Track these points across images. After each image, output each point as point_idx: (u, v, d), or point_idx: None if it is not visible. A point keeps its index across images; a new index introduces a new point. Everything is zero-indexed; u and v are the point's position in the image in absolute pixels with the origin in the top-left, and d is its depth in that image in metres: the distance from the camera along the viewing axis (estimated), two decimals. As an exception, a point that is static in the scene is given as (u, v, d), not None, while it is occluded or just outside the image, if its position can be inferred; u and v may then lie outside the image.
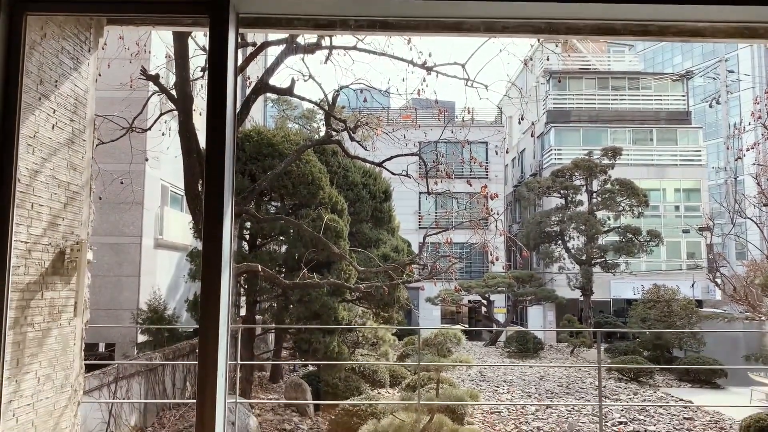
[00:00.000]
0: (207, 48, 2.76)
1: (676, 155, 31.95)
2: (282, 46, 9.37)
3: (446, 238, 11.18)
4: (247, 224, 12.35)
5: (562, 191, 26.37)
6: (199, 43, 9.81)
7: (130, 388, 8.82)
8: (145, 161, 12.89)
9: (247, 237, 12.84)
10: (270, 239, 13.04)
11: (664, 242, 26.08)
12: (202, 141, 7.33)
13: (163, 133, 11.26)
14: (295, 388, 11.53)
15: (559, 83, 32.84)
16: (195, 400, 2.58)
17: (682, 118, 32.88)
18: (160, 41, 14.01)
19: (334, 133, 10.24)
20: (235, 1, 2.72)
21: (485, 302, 26.58)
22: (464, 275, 29.72)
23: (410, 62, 9.13)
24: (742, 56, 47.54)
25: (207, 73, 2.77)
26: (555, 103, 33.15)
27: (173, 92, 8.83)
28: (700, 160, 31.87)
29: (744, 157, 18.75)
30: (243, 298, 12.31)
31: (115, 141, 9.58)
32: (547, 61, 29.97)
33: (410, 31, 3.01)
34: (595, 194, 25.76)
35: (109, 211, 13.28)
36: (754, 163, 16.31)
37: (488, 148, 32.01)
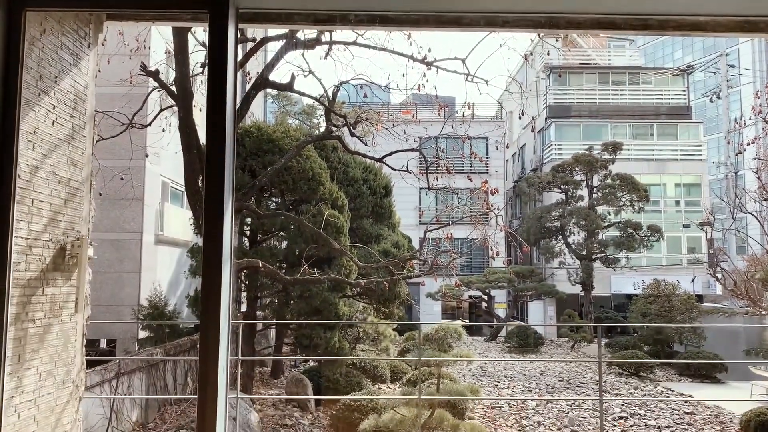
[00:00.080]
0: (207, 43, 2.75)
1: (676, 150, 31.91)
2: (282, 41, 9.36)
3: (447, 234, 11.18)
4: (248, 220, 12.35)
5: (562, 186, 26.35)
6: (198, 39, 9.80)
7: (132, 384, 8.84)
8: (145, 157, 12.89)
9: (247, 233, 12.85)
10: (270, 235, 13.04)
11: (664, 237, 26.08)
12: (202, 137, 7.32)
13: (163, 129, 11.25)
14: (296, 383, 11.56)
15: (559, 78, 32.78)
16: (196, 396, 2.59)
17: (682, 112, 32.82)
18: (159, 37, 13.99)
19: (334, 128, 10.24)
20: (234, -4, 2.72)
21: (486, 297, 26.59)
22: (465, 271, 29.71)
23: (410, 57, 9.12)
24: (742, 51, 47.44)
25: (207, 69, 2.77)
26: (555, 98, 33.09)
27: (173, 88, 8.81)
28: (700, 155, 31.83)
29: (744, 151, 18.72)
30: (244, 294, 12.32)
31: (115, 137, 9.57)
32: (548, 55, 29.86)
33: (410, 25, 3.01)
34: (595, 189, 25.75)
35: (109, 207, 13.28)
36: (754, 158, 16.29)
37: (488, 144, 31.96)
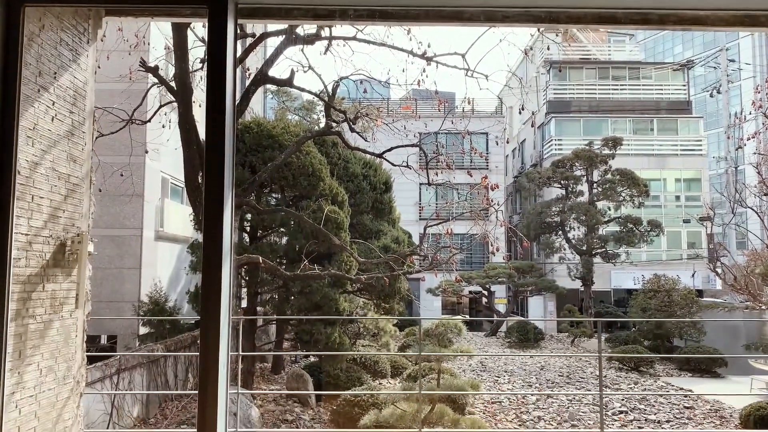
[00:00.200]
0: (206, 39, 2.75)
1: (676, 145, 31.89)
2: (281, 37, 9.34)
3: (447, 229, 11.18)
4: (248, 216, 12.35)
5: (562, 182, 26.34)
6: (198, 35, 9.78)
7: (133, 380, 8.86)
8: (145, 153, 12.88)
9: (247, 229, 12.85)
10: (271, 231, 13.05)
11: (664, 232, 26.08)
12: (202, 133, 7.32)
13: (163, 125, 11.24)
14: (296, 378, 11.57)
15: (559, 73, 32.72)
16: (197, 391, 2.59)
17: (682, 107, 32.79)
18: (159, 33, 13.97)
19: (334, 124, 10.22)
20: (233, -9, 2.71)
21: (486, 293, 26.61)
22: (465, 266, 29.72)
23: (410, 52, 9.10)
24: (743, 45, 47.35)
25: (206, 65, 2.76)
26: (555, 93, 33.05)
27: (173, 84, 8.80)
28: (700, 150, 31.81)
29: (745, 146, 18.71)
30: (244, 290, 12.33)
31: (115, 133, 9.57)
32: (548, 50, 29.84)
33: (410, 20, 2.99)
34: (595, 184, 25.74)
35: (109, 203, 13.28)
36: (754, 153, 16.28)
37: (488, 139, 31.93)
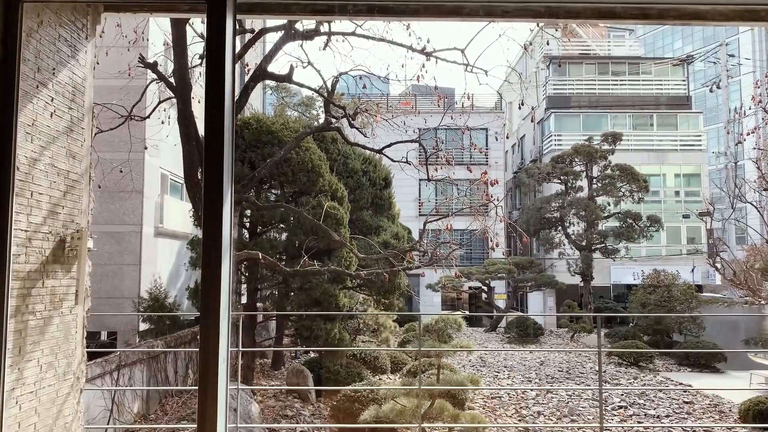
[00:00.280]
0: (205, 35, 2.74)
1: (676, 140, 31.87)
2: (280, 32, 9.32)
3: (446, 225, 11.17)
4: (247, 212, 12.34)
5: (562, 177, 26.34)
6: (197, 30, 9.76)
7: (133, 376, 8.87)
8: (144, 149, 12.87)
9: (247, 225, 12.85)
10: (270, 227, 13.04)
11: (664, 227, 26.09)
12: (201, 128, 7.31)
13: (162, 122, 11.23)
14: (296, 374, 11.59)
15: (559, 68, 32.68)
16: (197, 387, 2.59)
17: (682, 103, 32.76)
18: (157, 29, 13.94)
19: (333, 120, 10.21)
20: (232, -14, 2.70)
21: (486, 288, 26.63)
22: (464, 262, 29.75)
23: (409, 48, 9.07)
24: (742, 40, 47.28)
25: (205, 61, 2.76)
26: (555, 88, 33.01)
27: (172, 80, 8.79)
28: (700, 145, 31.80)
29: (744, 141, 18.72)
30: (244, 286, 12.34)
31: (114, 129, 9.55)
32: (547, 45, 29.79)
33: (409, 16, 2.99)
34: (595, 180, 25.74)
35: (108, 199, 13.27)
36: (754, 148, 16.28)
37: (488, 135, 31.93)
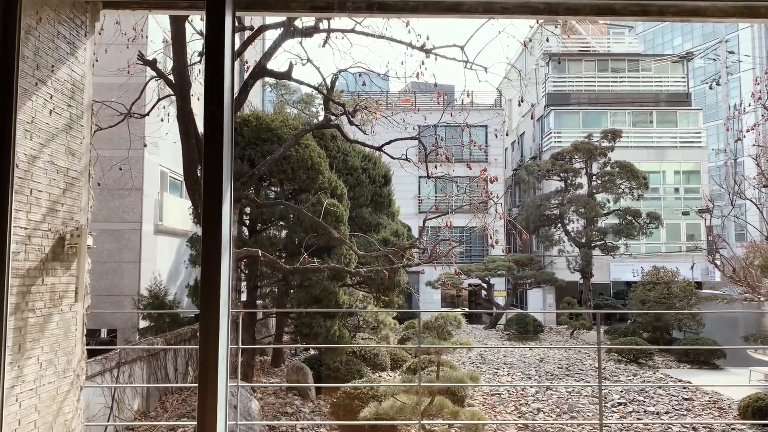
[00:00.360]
0: (204, 32, 2.73)
1: (675, 137, 31.86)
2: (279, 29, 9.31)
3: (446, 222, 11.17)
4: (247, 209, 12.34)
5: (561, 174, 26.32)
6: (196, 28, 9.75)
7: (133, 373, 8.88)
8: (143, 147, 12.87)
9: (246, 222, 12.84)
10: (270, 224, 13.04)
11: (663, 224, 26.11)
12: (200, 126, 7.30)
13: (161, 119, 11.22)
14: (296, 371, 11.60)
15: (558, 65, 32.64)
16: (197, 385, 2.59)
17: (682, 99, 32.73)
18: (157, 26, 13.92)
19: (332, 117, 10.20)
20: (231, -17, 2.69)
21: (485, 285, 26.66)
22: (464, 259, 29.77)
23: (409, 45, 9.07)
24: (742, 37, 47.26)
25: (204, 58, 2.75)
26: (554, 85, 32.98)
27: (171, 77, 8.78)
28: (699, 142, 31.79)
29: (744, 138, 18.68)
30: (244, 283, 12.34)
31: (114, 127, 9.55)
32: (547, 42, 29.80)
33: (408, 12, 2.98)
34: (594, 177, 25.73)
35: (108, 197, 13.27)
36: (754, 145, 16.26)
37: (488, 132, 31.88)
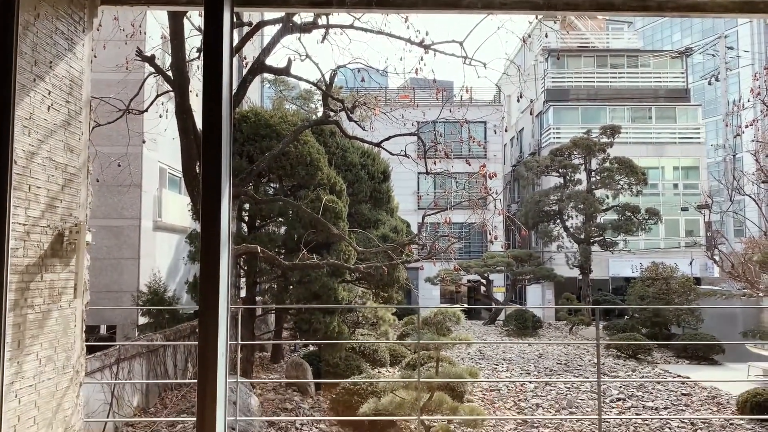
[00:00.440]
0: (202, 28, 2.73)
1: (675, 133, 31.85)
2: (278, 25, 9.29)
3: (445, 218, 11.17)
4: (246, 206, 12.34)
5: (560, 170, 26.32)
6: (194, 24, 9.73)
7: (132, 370, 8.89)
8: (142, 143, 12.86)
9: (246, 218, 12.85)
10: (269, 220, 13.04)
11: (662, 220, 26.11)
12: (199, 122, 7.29)
13: (160, 115, 11.21)
14: (296, 367, 11.62)
15: (557, 61, 32.60)
16: (196, 381, 2.60)
17: (681, 95, 32.71)
18: (155, 22, 13.89)
19: (331, 113, 10.19)
20: (229, -21, 2.69)
21: (484, 281, 26.68)
22: (463, 255, 29.79)
23: (408, 40, 9.06)
24: (741, 33, 47.21)
25: (202, 54, 2.75)
26: (553, 81, 32.95)
27: (169, 73, 8.77)
28: (699, 138, 31.79)
29: (743, 134, 18.72)
30: (243, 280, 12.35)
31: (112, 123, 9.55)
32: (546, 38, 29.75)
33: (407, 8, 2.98)
34: (593, 173, 25.73)
35: (107, 193, 13.27)
36: (752, 140, 16.29)
37: (487, 128, 31.89)
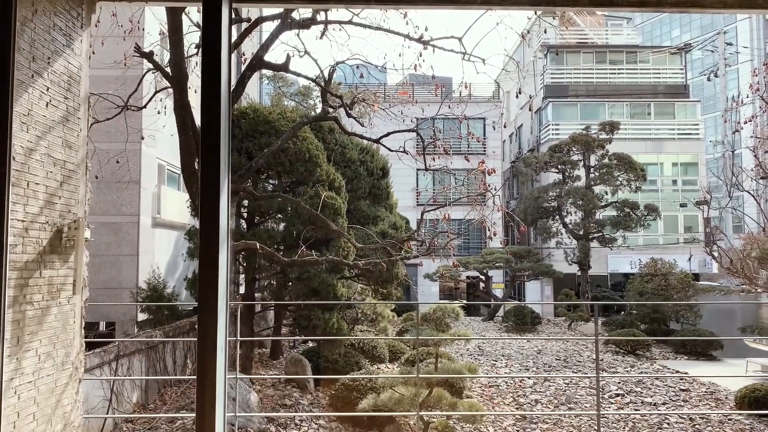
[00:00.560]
0: (201, 24, 2.72)
1: (673, 129, 31.85)
2: (277, 21, 9.27)
3: (444, 215, 11.17)
4: (245, 202, 12.33)
5: (559, 166, 26.33)
6: (193, 20, 9.71)
7: (131, 366, 8.89)
8: (141, 140, 12.84)
9: (244, 215, 12.84)
10: (268, 217, 13.03)
11: (661, 216, 26.15)
12: (198, 118, 7.28)
13: (158, 112, 11.19)
14: (295, 363, 11.63)
15: (556, 57, 32.56)
16: (196, 377, 2.60)
17: (680, 91, 32.70)
18: (153, 18, 13.87)
19: (330, 109, 10.17)
20: (228, -26, 2.68)
21: (483, 278, 26.70)
22: (462, 251, 29.79)
23: (407, 36, 9.04)
24: (740, 28, 47.20)
25: (201, 50, 2.74)
26: (552, 77, 32.92)
27: (168, 70, 8.75)
28: (697, 134, 31.79)
29: (742, 130, 18.69)
30: (242, 276, 12.35)
31: (111, 119, 9.53)
32: (545, 34, 29.71)
33: (406, 4, 2.97)
34: (592, 169, 25.73)
35: (105, 190, 13.26)
36: (751, 136, 16.29)
37: (486, 124, 31.88)
